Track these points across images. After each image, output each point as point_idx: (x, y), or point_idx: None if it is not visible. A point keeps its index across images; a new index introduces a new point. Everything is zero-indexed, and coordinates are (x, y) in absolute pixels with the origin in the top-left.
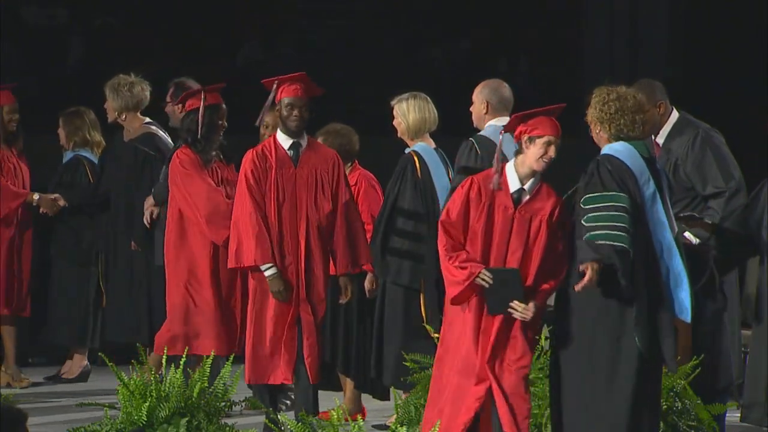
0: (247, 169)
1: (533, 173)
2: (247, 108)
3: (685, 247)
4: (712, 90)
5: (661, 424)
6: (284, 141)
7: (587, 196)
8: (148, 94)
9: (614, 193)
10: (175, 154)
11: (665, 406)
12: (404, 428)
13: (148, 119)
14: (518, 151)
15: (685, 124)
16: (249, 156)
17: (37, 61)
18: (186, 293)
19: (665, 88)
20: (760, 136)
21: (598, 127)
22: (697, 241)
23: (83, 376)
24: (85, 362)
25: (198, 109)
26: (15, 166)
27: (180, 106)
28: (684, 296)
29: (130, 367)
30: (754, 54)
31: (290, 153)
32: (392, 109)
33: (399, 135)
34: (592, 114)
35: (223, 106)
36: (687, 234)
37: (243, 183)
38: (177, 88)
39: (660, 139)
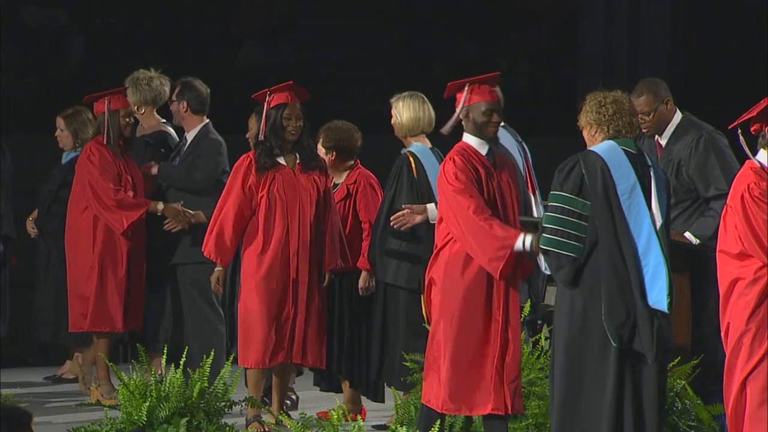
0: (461, 171)
1: None
2: (247, 108)
3: (690, 251)
4: (712, 91)
5: None
6: (480, 146)
7: (552, 191)
8: (167, 89)
9: (571, 197)
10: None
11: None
12: (404, 428)
13: (164, 120)
14: (763, 145)
15: (689, 126)
16: (458, 159)
17: (37, 61)
18: (253, 302)
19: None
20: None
21: (594, 129)
22: (698, 241)
23: None
24: None
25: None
26: (132, 178)
27: (181, 104)
28: (661, 287)
29: (130, 367)
30: (755, 55)
31: (489, 159)
32: (391, 108)
33: (396, 134)
34: (588, 118)
35: (295, 106)
36: (687, 234)
37: (459, 184)
38: (183, 87)
39: (663, 140)
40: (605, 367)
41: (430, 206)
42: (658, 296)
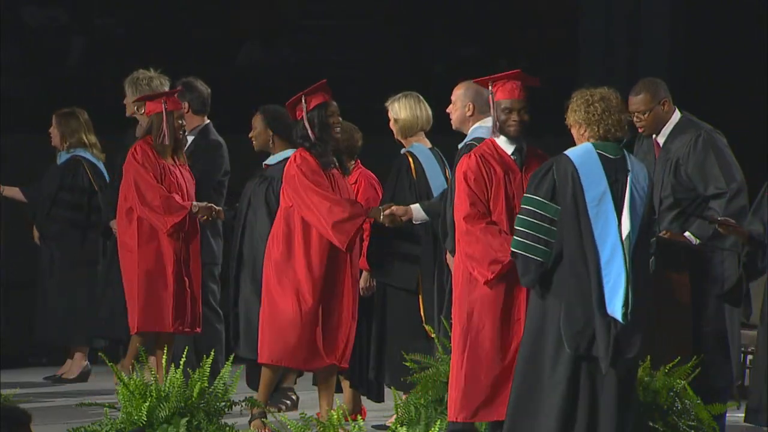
0: (472, 172)
1: None
2: (247, 108)
3: (690, 251)
4: (712, 91)
5: (661, 424)
6: (506, 146)
7: (525, 194)
8: (167, 89)
9: (543, 201)
10: (293, 156)
11: (665, 406)
12: (404, 428)
13: None
14: None
15: (687, 125)
16: (473, 159)
17: (37, 61)
18: (296, 301)
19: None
20: (761, 137)
21: (583, 129)
22: (697, 241)
23: (83, 376)
24: (85, 362)
25: (306, 115)
26: (178, 177)
27: (183, 104)
28: (619, 297)
29: (131, 367)
30: (755, 55)
31: (514, 158)
32: (387, 110)
33: (395, 136)
34: (576, 117)
35: (333, 103)
36: (687, 234)
37: (465, 187)
38: (184, 87)
39: (661, 139)
40: (559, 372)
41: (415, 207)
42: (615, 306)
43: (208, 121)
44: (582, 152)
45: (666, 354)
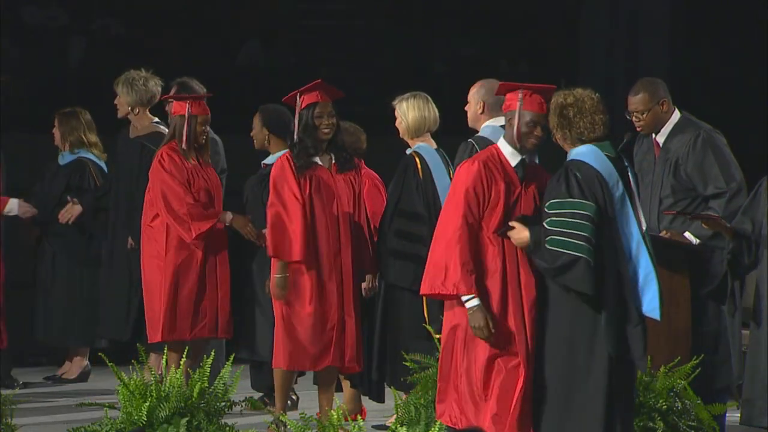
0: (471, 181)
1: None
2: (247, 108)
3: (690, 251)
4: (712, 91)
5: (661, 424)
6: (511, 156)
7: (552, 200)
8: (160, 89)
9: (579, 200)
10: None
11: (665, 406)
12: (404, 428)
13: (156, 119)
14: None
15: (687, 124)
16: (475, 167)
17: (37, 61)
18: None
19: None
20: (761, 137)
21: (559, 133)
22: (697, 241)
23: (83, 376)
24: (85, 362)
25: (298, 113)
26: (206, 182)
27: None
28: (653, 295)
29: (130, 367)
30: (755, 55)
31: (517, 171)
32: (394, 109)
33: (401, 136)
34: (551, 120)
35: (325, 104)
36: (687, 234)
37: (461, 195)
38: (180, 88)
39: (660, 138)
40: (596, 377)
41: None
42: (651, 304)
43: None
44: (594, 157)
45: (666, 354)
